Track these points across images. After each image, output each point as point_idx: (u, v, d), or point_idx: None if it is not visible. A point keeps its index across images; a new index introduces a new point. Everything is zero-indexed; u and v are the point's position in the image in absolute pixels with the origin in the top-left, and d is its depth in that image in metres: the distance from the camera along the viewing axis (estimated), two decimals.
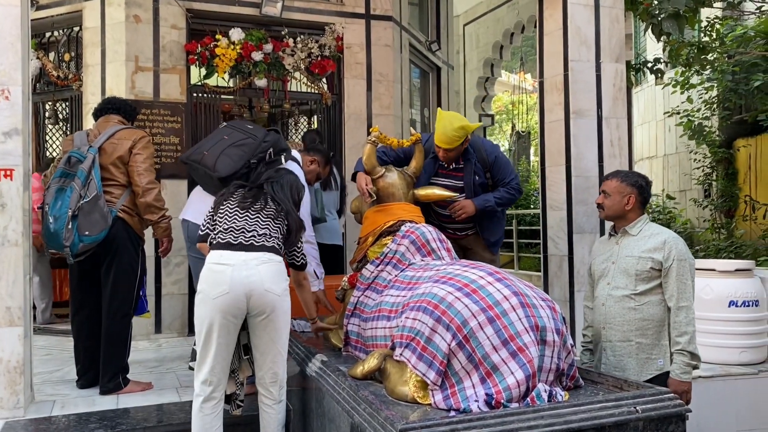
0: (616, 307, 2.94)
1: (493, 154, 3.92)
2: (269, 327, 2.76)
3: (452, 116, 3.71)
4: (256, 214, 2.83)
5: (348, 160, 6.04)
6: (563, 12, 4.73)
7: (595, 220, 4.67)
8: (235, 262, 2.70)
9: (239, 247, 2.75)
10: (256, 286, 2.68)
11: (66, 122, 6.42)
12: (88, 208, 3.49)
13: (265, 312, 2.72)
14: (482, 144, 3.97)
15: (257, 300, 2.69)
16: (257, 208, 2.84)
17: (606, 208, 3.04)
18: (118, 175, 3.71)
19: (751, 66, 7.43)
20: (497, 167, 3.92)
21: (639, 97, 11.03)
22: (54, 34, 6.12)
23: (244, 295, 2.67)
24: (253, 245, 2.76)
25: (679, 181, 10.02)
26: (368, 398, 2.22)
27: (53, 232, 3.46)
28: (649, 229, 2.97)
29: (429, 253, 3.06)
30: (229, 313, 2.68)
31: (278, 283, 2.75)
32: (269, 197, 2.90)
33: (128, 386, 3.74)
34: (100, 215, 3.51)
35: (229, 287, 2.66)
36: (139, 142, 3.73)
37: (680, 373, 2.80)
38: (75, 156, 3.59)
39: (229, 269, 2.68)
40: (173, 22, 5.66)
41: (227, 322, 2.69)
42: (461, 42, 12.03)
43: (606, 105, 4.75)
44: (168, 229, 3.82)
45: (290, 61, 6.00)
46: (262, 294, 2.69)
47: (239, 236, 2.77)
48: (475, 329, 2.26)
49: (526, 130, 15.83)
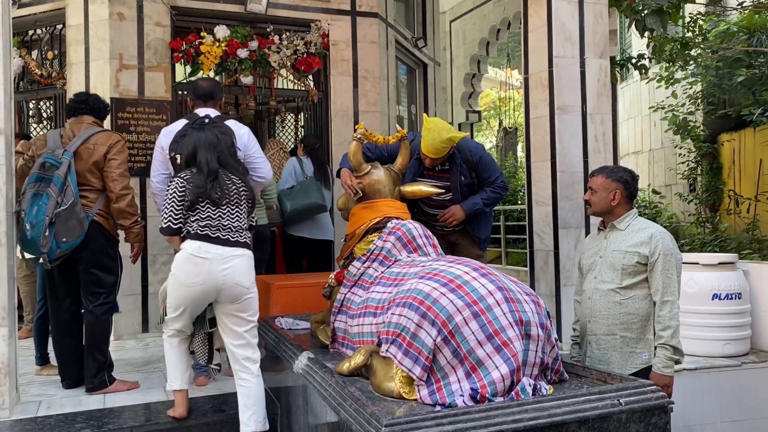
0: (602, 301, 2.96)
1: (477, 155, 3.94)
2: (236, 313, 3.06)
3: (440, 127, 3.69)
4: (227, 208, 3.03)
5: (335, 157, 6.04)
6: (548, 8, 4.75)
7: (580, 215, 4.71)
8: (212, 256, 2.94)
9: (217, 241, 2.97)
10: (228, 280, 2.95)
11: (50, 121, 6.37)
12: (66, 215, 3.50)
13: (234, 302, 3.03)
14: (467, 144, 3.98)
15: (227, 292, 2.99)
16: (226, 202, 3.04)
17: (593, 204, 3.06)
18: (94, 180, 3.72)
19: (734, 61, 7.49)
20: (482, 167, 3.94)
21: (624, 93, 11.10)
22: (37, 31, 6.06)
23: (215, 288, 2.96)
24: (229, 240, 3.00)
25: (664, 176, 10.10)
26: (354, 394, 2.23)
27: (30, 239, 3.45)
28: (637, 224, 2.99)
29: (415, 250, 3.06)
30: (199, 299, 3.03)
31: (248, 277, 3.04)
32: (228, 184, 3.06)
33: (114, 385, 3.76)
34: (77, 221, 3.55)
35: (204, 279, 2.93)
36: (113, 147, 3.74)
37: (662, 367, 2.82)
38: (50, 161, 3.56)
39: (207, 263, 2.93)
40: (157, 20, 5.63)
41: (196, 305, 3.06)
42: (448, 38, 12.04)
43: (590, 101, 4.79)
44: (140, 235, 3.86)
45: (276, 59, 5.99)
46: (232, 287, 2.98)
47: (216, 231, 2.98)
48: (460, 324, 2.27)
49: (513, 127, 15.89)
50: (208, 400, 3.57)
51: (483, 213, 3.99)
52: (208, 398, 3.61)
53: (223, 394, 3.68)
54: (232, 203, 3.06)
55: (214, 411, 3.39)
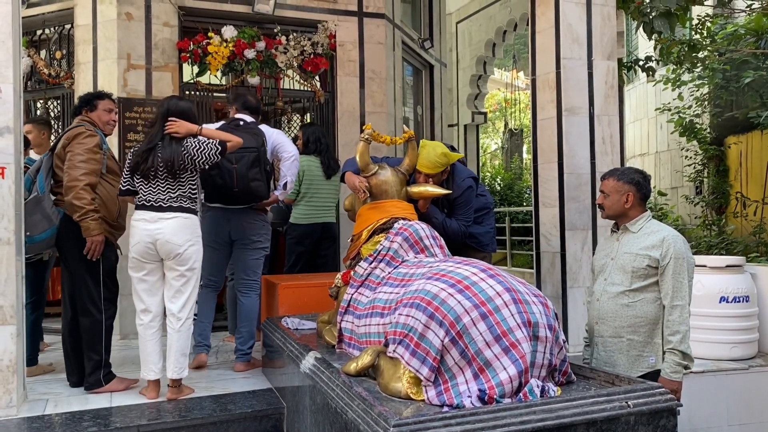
0: (610, 303, 2.93)
1: (460, 189, 3.84)
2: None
3: (436, 144, 3.71)
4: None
5: (341, 157, 6.04)
6: (555, 10, 4.75)
7: (587, 216, 4.70)
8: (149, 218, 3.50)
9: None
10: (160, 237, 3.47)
11: (58, 120, 6.39)
12: (29, 209, 3.55)
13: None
14: (460, 171, 3.91)
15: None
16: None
17: (606, 208, 3.01)
18: (62, 175, 3.65)
19: (741, 63, 7.47)
20: (458, 204, 3.87)
21: (631, 95, 11.07)
22: (45, 31, 6.09)
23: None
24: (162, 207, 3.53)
25: (670, 178, 10.07)
26: (362, 395, 2.23)
27: None
28: (650, 227, 2.95)
29: (422, 250, 3.07)
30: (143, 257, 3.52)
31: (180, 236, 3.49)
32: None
33: (111, 383, 3.74)
34: (42, 215, 3.58)
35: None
36: (74, 139, 3.61)
37: (670, 372, 2.79)
38: (27, 163, 3.67)
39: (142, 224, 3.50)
40: (165, 20, 5.65)
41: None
42: (454, 40, 12.05)
43: (598, 102, 4.78)
44: (89, 230, 3.54)
45: (283, 59, 6.00)
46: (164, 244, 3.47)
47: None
48: (468, 325, 2.27)
49: (519, 128, 15.88)
50: (213, 399, 3.58)
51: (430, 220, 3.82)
52: (213, 397, 3.61)
53: (229, 393, 3.68)
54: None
55: (221, 410, 3.39)
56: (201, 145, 3.52)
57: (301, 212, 5.27)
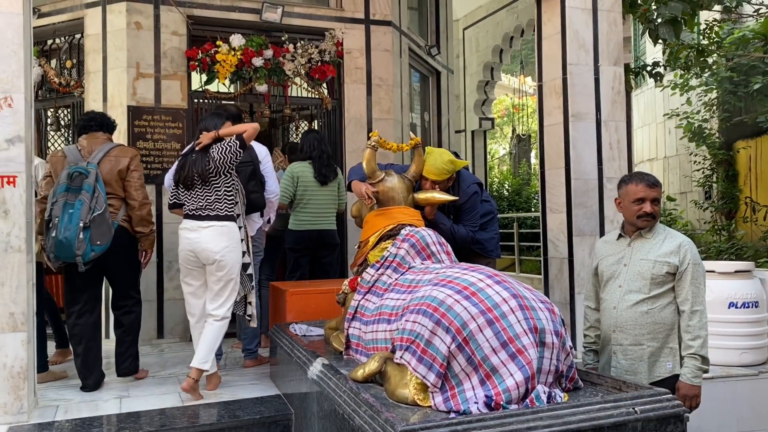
0: (630, 312, 2.90)
1: (466, 195, 3.86)
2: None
3: (442, 151, 3.74)
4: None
5: (348, 164, 6.06)
6: (561, 16, 4.76)
7: (595, 222, 4.69)
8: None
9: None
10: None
11: (68, 129, 6.45)
12: (99, 220, 3.78)
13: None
14: (465, 178, 3.93)
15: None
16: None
17: (657, 216, 2.93)
18: (118, 189, 4.02)
19: (750, 68, 7.44)
20: (464, 210, 3.89)
21: (639, 100, 11.05)
22: (56, 41, 6.15)
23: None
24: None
25: (679, 183, 10.03)
26: (369, 401, 2.24)
27: (64, 243, 3.67)
28: (663, 232, 2.94)
29: (429, 257, 3.07)
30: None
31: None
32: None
33: (140, 371, 4.25)
34: (107, 226, 3.81)
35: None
36: (134, 160, 4.09)
37: (692, 377, 2.78)
38: (78, 171, 3.82)
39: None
40: (174, 29, 5.70)
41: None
42: (461, 46, 12.07)
43: (605, 108, 4.78)
44: (154, 242, 4.27)
45: (290, 67, 6.04)
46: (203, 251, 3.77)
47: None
48: (474, 331, 2.27)
49: (526, 134, 15.87)
50: (222, 406, 3.59)
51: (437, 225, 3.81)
52: (222, 404, 3.64)
53: (237, 400, 3.70)
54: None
55: (229, 417, 3.41)
56: (221, 146, 3.80)
57: (296, 219, 5.26)
